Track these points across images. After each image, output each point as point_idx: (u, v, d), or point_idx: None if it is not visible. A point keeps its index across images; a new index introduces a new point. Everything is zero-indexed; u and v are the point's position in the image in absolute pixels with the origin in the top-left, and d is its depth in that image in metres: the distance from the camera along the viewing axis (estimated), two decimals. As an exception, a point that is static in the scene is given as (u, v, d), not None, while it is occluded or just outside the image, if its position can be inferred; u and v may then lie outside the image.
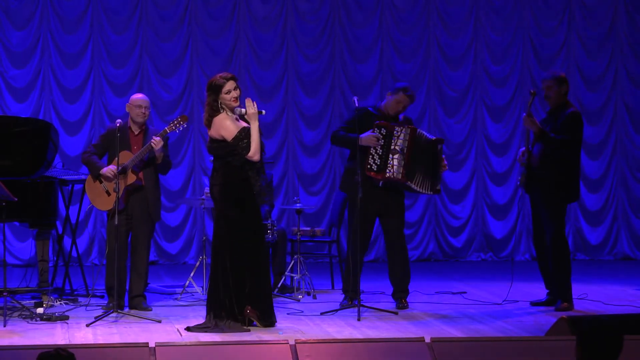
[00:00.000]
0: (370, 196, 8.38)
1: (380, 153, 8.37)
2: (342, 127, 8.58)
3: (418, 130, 8.48)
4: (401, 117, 8.66)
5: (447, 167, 8.68)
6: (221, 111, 7.58)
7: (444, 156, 8.59)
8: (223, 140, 7.54)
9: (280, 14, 12.22)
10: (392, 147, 8.36)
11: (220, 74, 7.70)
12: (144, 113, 8.55)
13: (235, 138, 7.49)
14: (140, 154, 8.34)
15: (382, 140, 8.37)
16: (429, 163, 8.48)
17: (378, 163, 8.39)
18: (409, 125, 8.46)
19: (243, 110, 7.53)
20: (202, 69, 12.05)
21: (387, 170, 8.37)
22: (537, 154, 8.52)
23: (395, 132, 8.38)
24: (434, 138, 8.56)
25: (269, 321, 7.66)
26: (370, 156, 8.38)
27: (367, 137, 8.33)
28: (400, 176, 8.36)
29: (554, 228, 8.52)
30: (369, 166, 8.38)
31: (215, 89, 7.59)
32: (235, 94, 7.58)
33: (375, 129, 8.38)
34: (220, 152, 7.60)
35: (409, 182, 8.41)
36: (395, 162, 8.36)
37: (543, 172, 8.49)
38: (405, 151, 8.37)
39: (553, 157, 8.48)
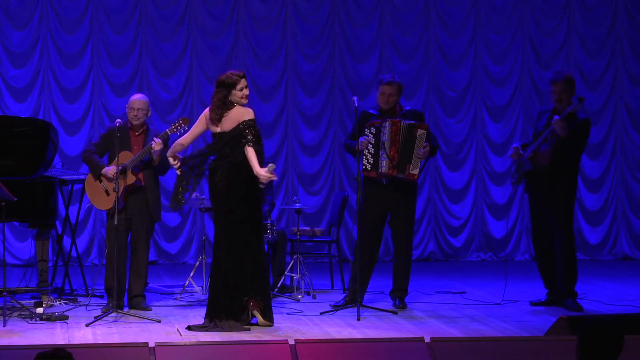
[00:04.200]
0: (375, 196, 8.44)
1: (372, 152, 8.44)
2: (348, 136, 8.75)
3: (401, 120, 8.45)
4: (406, 109, 8.65)
5: (426, 153, 8.46)
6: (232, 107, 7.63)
7: (425, 143, 8.48)
8: (236, 128, 7.55)
9: (279, 14, 12.22)
10: (381, 142, 8.41)
11: (232, 71, 7.76)
12: (136, 115, 8.51)
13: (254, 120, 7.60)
14: (140, 155, 8.34)
15: (373, 139, 8.43)
16: (411, 149, 8.47)
17: (371, 162, 8.47)
18: (392, 118, 8.47)
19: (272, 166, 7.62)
20: (201, 69, 12.05)
21: (379, 167, 8.43)
22: (548, 154, 8.50)
23: (382, 127, 8.43)
24: (411, 122, 8.50)
25: (269, 317, 7.68)
26: (364, 157, 8.47)
27: (360, 142, 8.42)
28: (389, 170, 8.39)
29: (566, 228, 8.59)
30: (363, 167, 8.49)
31: (229, 86, 7.62)
32: (246, 91, 7.67)
33: (366, 130, 8.46)
34: (229, 143, 7.59)
35: (400, 175, 8.39)
36: (384, 156, 8.39)
37: (555, 172, 8.50)
38: (389, 144, 8.40)
39: (565, 158, 8.51)
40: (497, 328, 7.73)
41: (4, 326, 7.69)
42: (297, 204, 9.59)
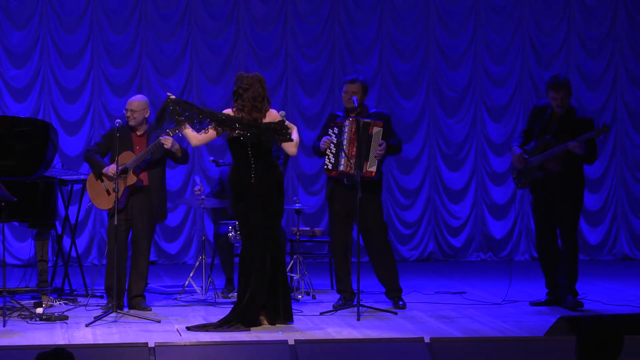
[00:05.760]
0: (340, 197, 8.48)
1: (334, 152, 8.47)
2: (316, 138, 8.75)
3: (361, 119, 8.43)
4: (372, 111, 8.65)
5: (383, 151, 8.42)
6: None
7: (382, 141, 8.44)
8: (272, 122, 7.65)
9: (279, 14, 12.22)
10: (342, 142, 8.42)
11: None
12: (129, 116, 8.52)
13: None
14: (142, 156, 8.34)
15: (335, 139, 8.46)
16: (367, 147, 8.45)
17: (333, 161, 8.48)
18: (352, 117, 8.45)
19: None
20: (201, 69, 12.06)
21: (339, 165, 8.44)
22: (558, 161, 8.57)
23: (343, 127, 8.45)
24: (366, 120, 8.48)
25: (279, 319, 7.73)
26: (327, 157, 8.49)
27: (322, 142, 8.49)
28: (347, 168, 8.39)
29: (573, 227, 8.69)
30: (325, 167, 8.53)
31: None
32: None
33: (330, 130, 8.50)
34: (268, 132, 7.64)
35: (357, 173, 8.38)
36: (342, 155, 8.42)
37: (565, 175, 8.59)
38: (347, 142, 8.40)
39: (577, 161, 8.65)
40: (497, 328, 7.73)
41: (4, 326, 7.69)
42: (297, 204, 9.59)
